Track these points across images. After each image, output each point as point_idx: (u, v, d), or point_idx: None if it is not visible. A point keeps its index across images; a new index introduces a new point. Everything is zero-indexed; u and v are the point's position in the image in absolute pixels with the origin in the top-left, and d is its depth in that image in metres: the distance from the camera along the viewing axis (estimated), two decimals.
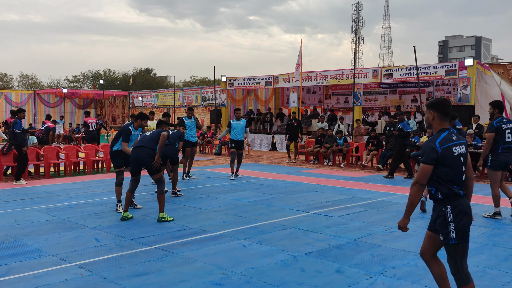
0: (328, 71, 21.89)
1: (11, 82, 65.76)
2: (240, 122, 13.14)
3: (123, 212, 7.87)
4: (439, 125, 3.90)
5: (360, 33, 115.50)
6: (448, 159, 3.74)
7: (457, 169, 3.78)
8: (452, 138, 3.81)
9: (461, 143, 3.84)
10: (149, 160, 7.70)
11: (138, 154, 7.75)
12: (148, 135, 7.99)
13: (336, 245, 6.33)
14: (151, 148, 7.77)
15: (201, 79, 70.30)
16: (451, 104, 3.94)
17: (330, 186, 11.45)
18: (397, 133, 13.27)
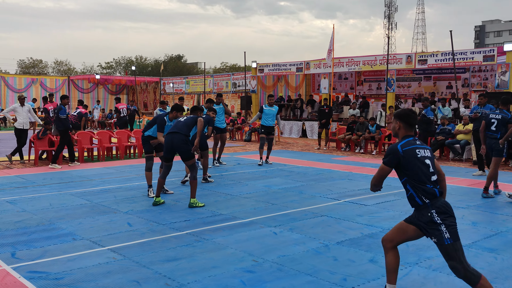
0: (360, 57, 21.51)
1: (46, 69, 67.28)
2: (272, 109, 13.04)
3: (154, 197, 7.93)
4: (404, 133, 4.15)
5: (393, 18, 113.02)
6: (412, 160, 3.95)
7: (424, 170, 3.95)
8: (415, 143, 4.05)
9: (424, 148, 4.06)
10: (182, 146, 7.67)
11: (172, 140, 7.73)
12: (182, 121, 7.93)
13: (369, 234, 6.21)
14: (185, 134, 7.74)
15: (231, 65, 70.31)
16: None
17: (362, 174, 11.27)
18: (420, 118, 13.03)
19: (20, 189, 9.20)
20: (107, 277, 4.65)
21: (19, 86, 32.99)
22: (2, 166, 12.29)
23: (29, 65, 66.34)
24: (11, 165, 12.56)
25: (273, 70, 25.13)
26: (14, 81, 33.14)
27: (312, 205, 7.87)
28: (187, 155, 7.71)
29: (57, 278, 4.61)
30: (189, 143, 7.76)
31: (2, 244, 5.66)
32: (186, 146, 7.68)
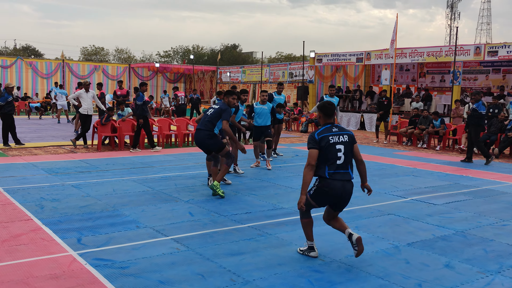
0: (424, 48, 20.63)
1: (107, 56, 69.37)
2: (332, 100, 12.69)
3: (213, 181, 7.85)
4: (324, 122, 4.90)
5: (456, 7, 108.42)
6: (323, 145, 4.67)
7: (330, 154, 4.69)
8: (332, 130, 4.78)
9: (341, 134, 4.78)
10: (207, 141, 7.70)
11: (197, 137, 7.83)
12: (208, 115, 7.80)
13: (442, 236, 5.83)
14: (208, 129, 7.68)
15: (286, 55, 69.80)
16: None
17: (428, 171, 10.76)
18: (470, 112, 12.29)
19: (84, 173, 9.40)
20: (171, 268, 4.57)
21: (82, 73, 34.10)
22: (67, 151, 12.66)
23: (91, 52, 68.67)
24: (75, 149, 12.92)
25: (332, 60, 24.60)
26: (78, 67, 34.29)
27: (377, 202, 7.53)
28: (216, 147, 7.75)
29: (122, 267, 4.58)
30: (214, 136, 7.71)
31: (69, 229, 5.73)
32: (209, 140, 7.69)
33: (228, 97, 7.95)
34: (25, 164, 10.24)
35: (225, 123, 7.68)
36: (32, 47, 70.65)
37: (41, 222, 6.01)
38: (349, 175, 4.76)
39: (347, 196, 4.78)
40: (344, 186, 4.72)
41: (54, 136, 15.98)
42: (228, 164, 7.73)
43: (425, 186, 8.94)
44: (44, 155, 11.69)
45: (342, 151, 4.69)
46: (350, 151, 4.77)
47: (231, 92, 8.07)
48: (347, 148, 4.73)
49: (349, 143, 4.76)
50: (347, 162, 4.74)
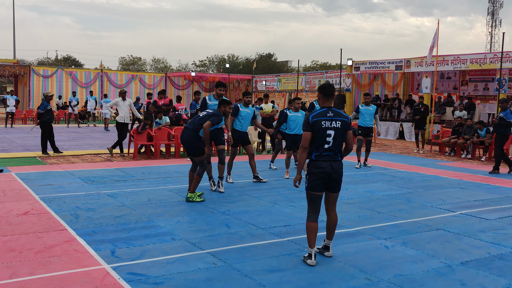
0: (467, 55, 19.90)
1: (144, 66, 70.52)
2: (369, 108, 12.34)
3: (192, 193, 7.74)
4: (322, 103, 5.05)
5: (497, 14, 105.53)
6: (315, 129, 4.86)
7: (320, 138, 4.86)
8: (326, 114, 4.88)
9: (335, 119, 4.87)
10: (190, 142, 7.61)
11: (182, 136, 7.75)
12: (199, 116, 7.81)
13: (498, 254, 5.38)
14: (194, 130, 7.62)
15: (321, 63, 69.24)
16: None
17: (475, 183, 10.19)
18: (497, 121, 11.62)
19: (120, 182, 9.31)
20: (208, 285, 4.31)
21: (120, 82, 34.63)
22: (103, 159, 12.67)
23: (129, 62, 69.90)
24: (112, 158, 12.92)
25: (370, 68, 24.09)
26: (116, 76, 34.86)
27: (424, 216, 7.10)
28: (195, 151, 7.65)
29: (156, 282, 4.35)
30: (198, 139, 7.62)
31: (103, 240, 5.57)
32: (192, 142, 7.61)
33: (225, 107, 8.03)
34: (62, 173, 10.25)
35: (208, 124, 7.56)
36: (73, 57, 72.48)
37: (76, 232, 5.88)
38: (336, 157, 4.93)
39: (336, 174, 4.91)
40: (331, 165, 4.89)
41: (91, 145, 16.11)
42: (199, 174, 7.62)
43: (474, 199, 8.42)
44: (81, 163, 11.72)
45: (331, 135, 4.86)
46: (341, 136, 4.92)
47: (227, 102, 8.12)
48: (338, 133, 4.88)
49: (341, 129, 4.89)
50: (336, 146, 4.90)
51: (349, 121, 4.94)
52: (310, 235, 4.96)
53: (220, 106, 8.14)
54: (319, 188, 4.94)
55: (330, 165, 4.88)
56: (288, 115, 10.54)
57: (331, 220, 5.15)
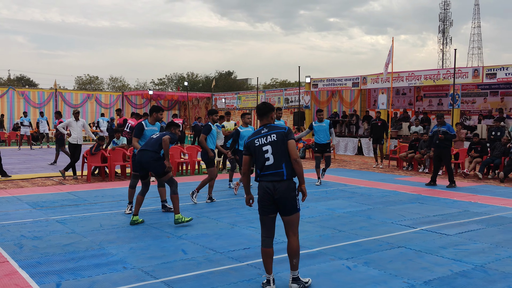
0: (422, 71, 20.37)
1: (102, 85, 69.23)
2: (322, 124, 12.24)
3: (132, 216, 7.51)
4: (260, 122, 4.87)
5: (447, 32, 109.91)
6: (251, 149, 4.71)
7: (258, 157, 4.65)
8: (260, 132, 4.70)
9: (269, 134, 4.64)
10: (152, 163, 7.41)
11: (141, 158, 7.47)
12: (154, 138, 7.62)
13: (461, 272, 5.30)
14: (155, 151, 7.43)
15: (281, 81, 69.87)
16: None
17: (433, 197, 10.26)
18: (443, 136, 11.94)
19: (71, 207, 8.84)
20: None
21: (75, 102, 33.69)
22: (55, 182, 12.10)
23: (85, 82, 68.46)
24: (64, 180, 12.36)
25: (328, 85, 24.32)
26: (71, 96, 33.91)
27: (385, 233, 7.00)
28: (159, 170, 7.46)
29: None
30: (160, 159, 7.47)
31: (48, 272, 5.16)
32: (155, 163, 7.41)
33: (175, 129, 7.88)
34: (8, 198, 9.66)
35: (167, 137, 7.41)
36: (27, 77, 70.40)
37: (18, 264, 5.44)
38: (280, 175, 4.56)
39: (279, 195, 4.55)
40: (274, 185, 4.57)
41: (43, 167, 15.41)
42: (175, 192, 7.44)
43: (433, 214, 8.43)
44: (31, 188, 11.12)
45: (269, 151, 4.59)
46: (281, 149, 4.58)
47: (176, 124, 8.00)
48: (276, 147, 4.58)
49: (278, 142, 4.59)
50: (279, 161, 4.57)
51: (287, 131, 4.63)
52: (265, 260, 4.71)
53: (169, 127, 7.91)
54: (264, 210, 4.66)
55: (273, 186, 4.56)
56: (240, 131, 10.62)
57: (289, 246, 4.73)
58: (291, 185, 4.60)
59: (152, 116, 8.23)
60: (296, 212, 4.65)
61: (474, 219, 8.06)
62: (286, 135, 4.60)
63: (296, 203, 4.64)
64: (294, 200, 4.60)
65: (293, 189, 4.60)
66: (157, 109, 8.26)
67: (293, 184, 4.63)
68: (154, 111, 8.23)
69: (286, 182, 4.56)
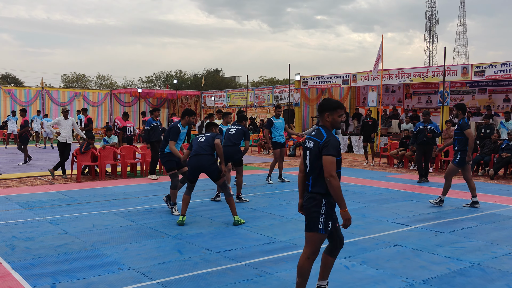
0: (411, 69, 20.49)
1: (88, 83, 68.62)
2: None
3: (180, 217, 7.45)
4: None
5: (434, 30, 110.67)
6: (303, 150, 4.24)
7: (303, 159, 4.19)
8: (311, 132, 4.19)
9: (311, 139, 4.11)
10: (210, 167, 7.40)
11: (198, 162, 7.40)
12: (203, 141, 7.57)
13: (458, 270, 5.29)
14: (210, 154, 7.48)
15: (269, 79, 69.85)
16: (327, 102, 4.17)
17: (426, 195, 10.28)
18: (431, 134, 12.36)
19: (62, 207, 8.71)
20: None
21: (63, 100, 33.33)
22: (45, 182, 11.92)
23: (72, 79, 67.80)
24: (53, 180, 12.19)
25: (318, 83, 24.34)
26: (58, 94, 33.53)
27: (380, 231, 6.99)
28: (217, 175, 7.43)
29: None
30: (216, 162, 7.53)
31: (42, 274, 5.05)
32: (214, 166, 7.43)
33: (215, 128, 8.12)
34: None
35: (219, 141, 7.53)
36: (12, 75, 69.53)
37: (11, 266, 5.33)
38: (307, 186, 4.13)
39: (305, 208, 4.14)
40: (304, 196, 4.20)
41: (31, 166, 15.20)
42: (230, 195, 7.46)
43: (427, 212, 8.44)
44: (20, 187, 10.95)
45: (308, 158, 4.11)
46: (314, 160, 4.02)
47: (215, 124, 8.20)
48: (311, 157, 4.06)
49: (313, 152, 4.05)
50: (310, 173, 4.07)
51: (321, 143, 3.97)
52: None
53: (210, 128, 8.05)
54: None
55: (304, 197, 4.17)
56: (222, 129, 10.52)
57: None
58: (314, 200, 4.02)
59: (185, 119, 8.14)
60: (315, 231, 4.03)
61: (467, 216, 8.09)
62: (320, 148, 3.98)
63: (318, 221, 4.00)
64: (316, 217, 4.00)
65: (316, 205, 3.99)
66: (190, 113, 8.20)
67: (319, 199, 4.00)
68: (187, 115, 8.15)
69: (309, 195, 4.07)
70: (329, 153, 3.89)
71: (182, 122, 8.16)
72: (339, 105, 4.13)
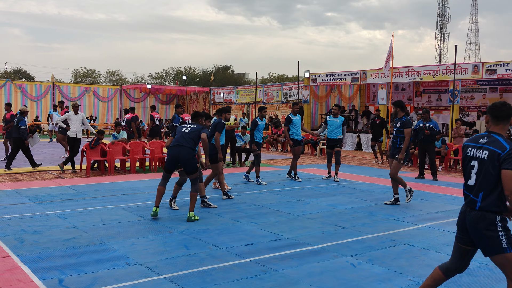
0: (421, 67, 20.33)
1: (99, 78, 68.94)
2: (336, 120, 12.06)
3: (154, 208, 7.56)
4: (487, 125, 3.87)
5: (445, 28, 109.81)
6: (463, 155, 3.79)
7: (466, 170, 3.73)
8: (478, 139, 3.71)
9: (481, 147, 3.62)
10: (189, 160, 7.42)
11: (179, 154, 7.44)
12: (187, 132, 7.59)
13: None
14: (192, 147, 7.49)
15: (278, 76, 69.74)
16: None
17: (434, 193, 10.24)
18: (429, 132, 12.47)
19: (71, 201, 8.78)
20: None
21: (73, 95, 33.52)
22: (54, 176, 12.03)
23: (83, 75, 68.16)
24: (63, 174, 12.29)
25: (327, 80, 24.26)
26: (68, 89, 33.74)
27: (388, 230, 6.97)
28: (192, 169, 7.45)
29: None
30: (195, 156, 7.57)
31: (50, 268, 5.11)
32: (193, 160, 7.47)
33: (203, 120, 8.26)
34: (8, 192, 9.60)
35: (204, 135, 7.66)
36: (23, 70, 70.04)
37: (20, 259, 5.39)
38: (473, 203, 3.68)
39: (471, 228, 3.72)
40: (465, 212, 3.80)
41: (41, 161, 15.30)
42: (196, 190, 7.51)
43: (435, 211, 8.41)
44: (30, 181, 11.05)
45: (475, 169, 3.64)
46: (486, 174, 3.57)
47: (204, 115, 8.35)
48: (481, 168, 3.61)
49: (486, 163, 3.58)
50: (479, 188, 3.64)
51: (503, 155, 3.48)
52: None
53: (196, 118, 8.05)
54: (457, 236, 3.92)
55: (464, 211, 3.77)
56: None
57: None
58: (485, 219, 3.58)
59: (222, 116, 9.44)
60: (502, 253, 3.57)
61: None
62: (500, 161, 3.49)
63: (500, 241, 3.56)
64: (495, 237, 3.56)
65: (490, 225, 3.56)
66: (225, 110, 9.78)
67: (492, 218, 3.57)
68: (223, 112, 9.68)
69: (478, 213, 3.62)
70: (509, 167, 3.43)
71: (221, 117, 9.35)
72: None
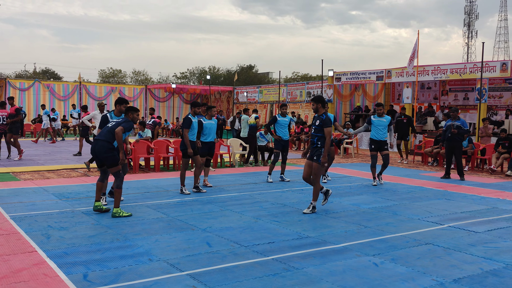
0: (447, 65, 20.00)
1: (124, 78, 69.87)
2: (383, 119, 11.07)
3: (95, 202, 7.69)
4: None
5: (473, 26, 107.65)
6: None
7: None
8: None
9: None
10: (104, 153, 7.41)
11: (94, 147, 7.54)
12: (109, 126, 7.60)
13: (491, 270, 5.16)
14: (108, 141, 7.44)
15: (302, 75, 69.49)
16: None
17: (460, 193, 10.06)
18: (456, 131, 12.08)
19: None
20: None
21: (99, 94, 34.08)
22: (80, 174, 12.24)
23: (109, 75, 69.19)
24: (89, 172, 12.50)
25: (351, 79, 24.07)
26: (94, 89, 34.31)
27: (412, 229, 6.88)
28: (110, 162, 7.44)
29: None
30: (113, 150, 7.47)
31: (75, 263, 5.20)
32: (108, 154, 7.43)
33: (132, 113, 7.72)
34: (35, 189, 9.81)
35: (120, 129, 7.36)
36: (51, 70, 71.49)
37: (46, 254, 5.50)
38: None
39: None
40: None
41: (68, 159, 15.62)
42: (119, 186, 7.46)
43: (461, 211, 8.26)
44: (57, 179, 11.28)
45: None
46: None
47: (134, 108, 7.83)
48: None
49: None
50: None
51: None
52: None
53: (127, 113, 7.78)
54: None
55: None
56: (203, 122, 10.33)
57: None
58: None
59: (117, 108, 8.31)
60: None
61: (503, 216, 7.87)
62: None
63: None
64: None
65: None
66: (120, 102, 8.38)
67: None
68: (118, 104, 8.33)
69: None
70: None
71: (115, 111, 8.37)
72: None
